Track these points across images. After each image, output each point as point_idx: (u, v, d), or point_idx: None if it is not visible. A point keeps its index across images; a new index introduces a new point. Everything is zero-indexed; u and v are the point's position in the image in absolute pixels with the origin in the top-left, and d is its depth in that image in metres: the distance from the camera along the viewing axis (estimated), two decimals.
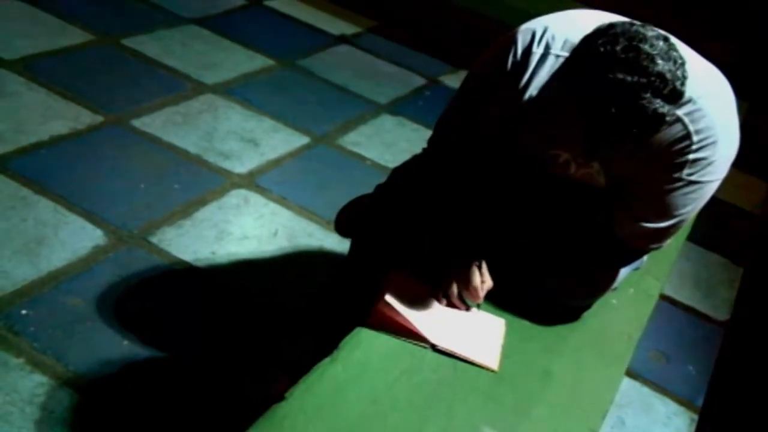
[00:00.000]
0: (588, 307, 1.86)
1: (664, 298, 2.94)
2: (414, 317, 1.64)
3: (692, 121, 1.48)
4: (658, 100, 1.31)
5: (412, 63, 4.43)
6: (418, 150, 1.92)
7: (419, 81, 4.27)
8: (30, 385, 1.96)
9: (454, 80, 4.26)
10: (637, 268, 1.96)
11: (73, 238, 2.47)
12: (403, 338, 1.63)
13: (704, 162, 1.51)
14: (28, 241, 2.41)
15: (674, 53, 1.34)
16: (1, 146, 2.80)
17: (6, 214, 2.49)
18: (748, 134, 1.81)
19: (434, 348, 1.63)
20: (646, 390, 2.56)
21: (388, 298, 1.64)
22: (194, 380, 2.11)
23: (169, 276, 2.46)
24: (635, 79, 1.29)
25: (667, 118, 1.34)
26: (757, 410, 2.66)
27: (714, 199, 1.67)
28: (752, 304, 3.20)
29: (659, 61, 1.31)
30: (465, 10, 4.49)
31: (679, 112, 1.47)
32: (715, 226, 3.50)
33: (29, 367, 2.00)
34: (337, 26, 4.67)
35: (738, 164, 1.66)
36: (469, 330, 1.71)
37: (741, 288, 3.27)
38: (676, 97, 1.34)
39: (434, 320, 1.69)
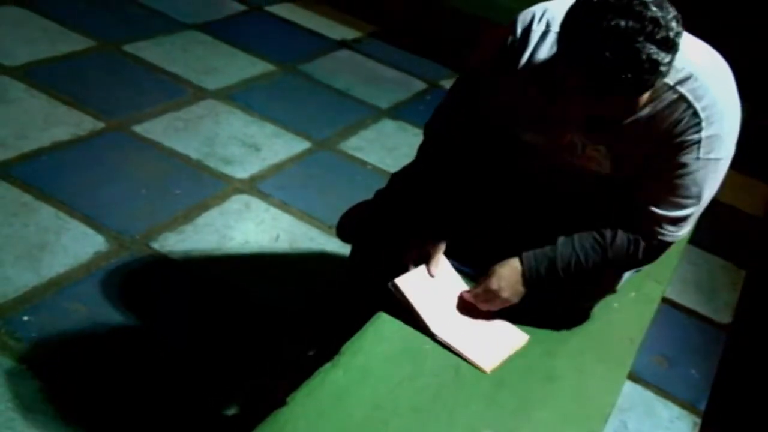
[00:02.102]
0: (589, 308, 1.85)
1: (666, 301, 2.94)
2: (423, 305, 1.65)
3: (696, 99, 1.49)
4: (653, 46, 1.31)
5: (412, 67, 4.44)
6: None
7: (420, 85, 4.28)
8: (32, 391, 1.95)
9: None
10: (638, 270, 1.95)
11: (74, 243, 2.47)
12: (412, 324, 1.65)
13: (714, 138, 1.51)
14: (30, 247, 2.41)
15: (667, 5, 1.35)
16: (3, 152, 2.81)
17: (8, 220, 2.49)
18: (752, 137, 1.81)
19: (434, 339, 1.64)
20: (648, 394, 2.55)
21: (399, 281, 1.66)
22: (197, 385, 2.11)
23: (170, 281, 2.46)
24: (629, 23, 1.30)
25: (662, 68, 1.33)
26: (761, 413, 2.65)
27: (716, 202, 1.67)
28: (755, 307, 3.20)
29: (653, 8, 1.32)
30: (465, 15, 4.49)
31: (682, 90, 1.48)
32: (718, 229, 3.50)
33: (31, 373, 2.00)
34: (337, 31, 4.67)
35: (740, 167, 1.67)
36: (481, 333, 1.70)
37: (743, 291, 3.27)
38: (669, 45, 1.33)
39: (448, 316, 1.69)
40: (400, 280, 1.67)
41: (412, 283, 1.69)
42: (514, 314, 1.76)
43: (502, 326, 1.75)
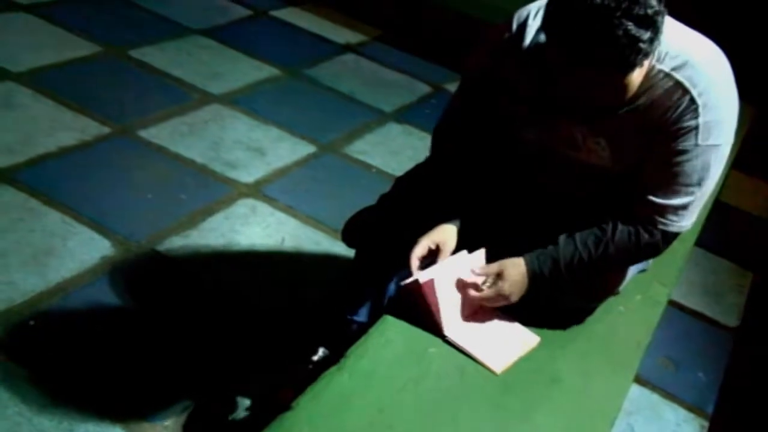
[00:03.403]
0: (593, 310, 1.85)
1: (672, 304, 2.93)
2: (444, 306, 1.66)
3: (692, 85, 1.49)
4: (629, 22, 1.31)
5: (417, 71, 4.44)
6: (424, 158, 1.93)
7: (425, 89, 4.28)
8: (38, 396, 1.96)
9: None
10: (643, 270, 1.95)
11: (81, 248, 2.48)
12: (420, 322, 1.65)
13: (712, 124, 1.51)
14: (36, 252, 2.41)
15: None
16: (10, 158, 2.82)
17: (14, 226, 2.50)
18: (757, 140, 1.81)
19: (444, 339, 1.64)
20: (655, 397, 2.55)
21: (422, 275, 1.64)
22: (203, 389, 2.11)
23: (176, 286, 2.47)
24: (605, 1, 1.31)
25: (641, 45, 1.34)
26: None
27: (723, 204, 1.67)
28: (762, 310, 3.18)
29: None
30: (470, 18, 4.49)
31: (678, 76, 1.49)
32: (724, 231, 3.48)
33: (37, 377, 2.01)
34: (342, 35, 4.68)
35: (746, 169, 1.66)
36: (492, 334, 1.70)
37: (750, 293, 3.26)
38: (648, 22, 1.33)
39: (461, 316, 1.69)
40: (423, 275, 1.65)
41: (435, 279, 1.67)
42: (519, 316, 1.76)
43: (513, 327, 1.75)
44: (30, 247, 2.43)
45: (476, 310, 1.74)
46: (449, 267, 1.69)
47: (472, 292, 1.67)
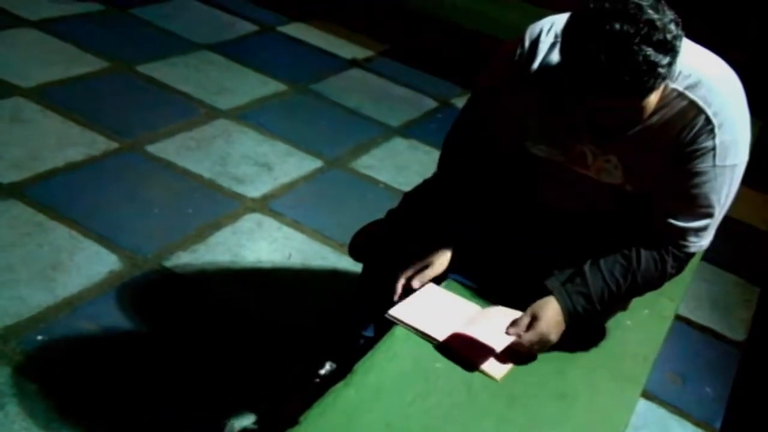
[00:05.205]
0: (601, 324, 1.85)
1: (680, 318, 2.92)
2: (425, 324, 1.67)
3: (707, 104, 1.49)
4: (649, 49, 1.31)
5: (423, 86, 4.46)
6: (430, 173, 1.94)
7: (431, 104, 4.29)
8: (45, 411, 1.96)
9: None
10: None
11: (88, 263, 2.48)
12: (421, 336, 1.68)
13: (728, 143, 1.51)
14: (44, 266, 2.42)
15: (664, 8, 1.36)
16: (18, 173, 2.83)
17: (22, 240, 2.51)
18: (764, 154, 1.80)
19: (445, 350, 1.64)
20: (662, 412, 2.53)
21: (393, 312, 1.68)
22: (210, 403, 2.11)
23: (183, 300, 2.47)
24: (624, 27, 1.31)
25: (660, 70, 1.34)
26: None
27: (729, 219, 1.66)
28: None
29: (648, 11, 1.32)
30: (476, 34, 4.51)
31: (692, 96, 1.49)
32: (731, 245, 3.48)
33: (44, 392, 2.01)
34: (348, 50, 4.70)
35: (753, 183, 1.66)
36: (490, 342, 1.70)
37: (758, 308, 3.24)
38: (667, 47, 1.33)
39: (454, 329, 1.69)
40: (395, 311, 1.69)
41: (408, 311, 1.70)
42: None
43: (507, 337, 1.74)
44: (38, 261, 2.44)
45: (471, 322, 1.73)
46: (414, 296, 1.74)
47: (514, 337, 1.64)
